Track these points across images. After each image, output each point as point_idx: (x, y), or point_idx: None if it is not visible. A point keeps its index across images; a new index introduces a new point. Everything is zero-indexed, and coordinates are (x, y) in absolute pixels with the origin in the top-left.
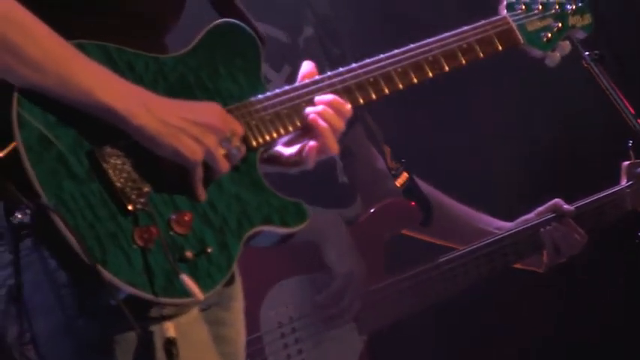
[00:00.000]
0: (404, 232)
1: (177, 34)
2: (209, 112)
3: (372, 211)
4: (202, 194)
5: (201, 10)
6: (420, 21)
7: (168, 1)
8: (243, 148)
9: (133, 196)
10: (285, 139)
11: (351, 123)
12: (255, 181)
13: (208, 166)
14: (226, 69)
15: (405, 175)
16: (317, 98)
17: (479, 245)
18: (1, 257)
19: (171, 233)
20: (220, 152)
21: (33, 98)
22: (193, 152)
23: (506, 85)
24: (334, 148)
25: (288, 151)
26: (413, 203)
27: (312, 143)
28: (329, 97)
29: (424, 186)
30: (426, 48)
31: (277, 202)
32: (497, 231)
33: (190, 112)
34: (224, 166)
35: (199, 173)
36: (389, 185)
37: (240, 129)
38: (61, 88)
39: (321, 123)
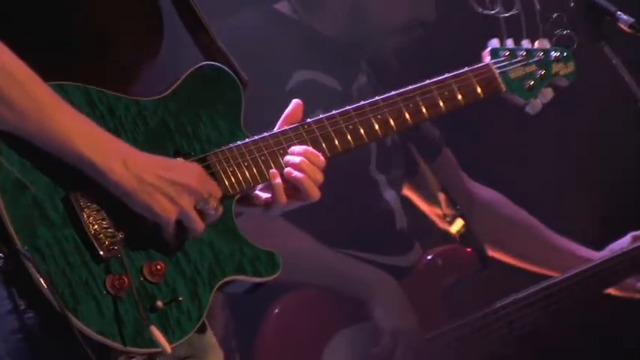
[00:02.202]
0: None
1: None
2: (188, 171)
3: (428, 258)
4: (175, 248)
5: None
6: None
7: (143, 47)
8: (221, 209)
9: (106, 243)
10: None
11: (404, 174)
12: (230, 229)
13: (183, 225)
14: (207, 114)
15: (460, 222)
16: (291, 149)
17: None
18: None
19: (142, 281)
20: (195, 213)
21: (10, 141)
22: (167, 211)
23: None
24: (314, 194)
25: (265, 194)
26: (469, 250)
27: (293, 190)
28: (302, 147)
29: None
30: (407, 96)
31: (250, 251)
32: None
33: (169, 170)
34: (199, 226)
35: (172, 230)
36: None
37: (218, 191)
38: (41, 135)
39: (297, 174)
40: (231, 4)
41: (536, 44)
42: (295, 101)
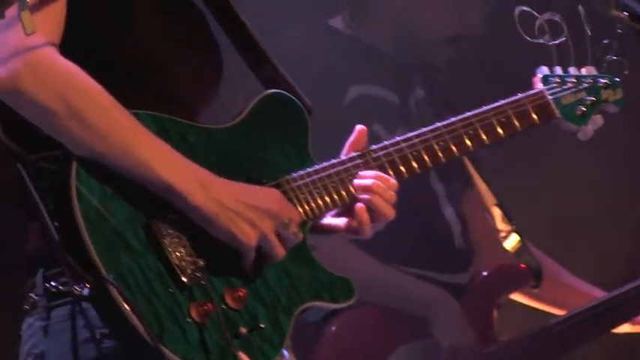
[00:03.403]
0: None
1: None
2: (267, 196)
3: (484, 275)
4: (256, 275)
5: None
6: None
7: (203, 79)
8: (301, 234)
9: (189, 270)
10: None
11: (462, 187)
12: (305, 255)
13: (263, 250)
14: (276, 141)
15: (515, 237)
16: (361, 173)
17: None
18: (31, 327)
19: (225, 308)
20: (275, 238)
21: (91, 169)
22: (248, 237)
23: None
24: (390, 213)
25: (339, 220)
26: (524, 266)
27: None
28: (372, 172)
29: (534, 250)
30: (466, 122)
31: (326, 277)
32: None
33: (248, 195)
34: (279, 252)
35: (252, 256)
36: (499, 250)
37: (297, 215)
38: (121, 159)
39: (371, 196)
40: (284, 21)
41: (584, 71)
42: (359, 128)
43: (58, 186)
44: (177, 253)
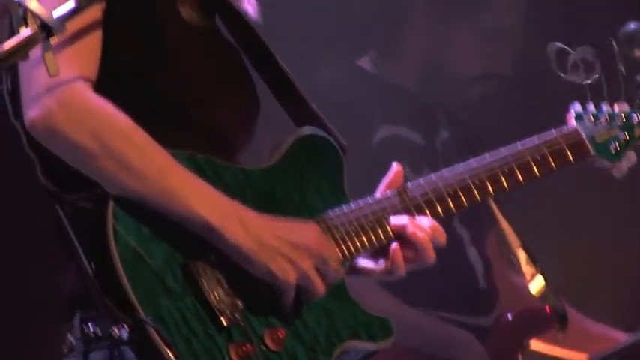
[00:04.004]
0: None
1: None
2: (306, 232)
3: (508, 317)
4: (295, 314)
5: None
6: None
7: (241, 117)
8: (342, 270)
9: (228, 311)
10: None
11: (485, 230)
12: (342, 294)
13: (302, 288)
14: (311, 181)
15: (540, 279)
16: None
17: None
18: None
19: (264, 349)
20: (316, 275)
21: (128, 209)
22: (287, 273)
23: None
24: (433, 257)
25: (373, 261)
26: (548, 309)
27: (405, 253)
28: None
29: None
30: (503, 161)
31: (363, 317)
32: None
33: (287, 232)
34: (319, 289)
35: (292, 294)
36: (523, 294)
37: (337, 252)
38: (159, 198)
39: (420, 235)
40: (313, 61)
41: (617, 107)
42: (395, 167)
43: (95, 226)
44: (216, 294)
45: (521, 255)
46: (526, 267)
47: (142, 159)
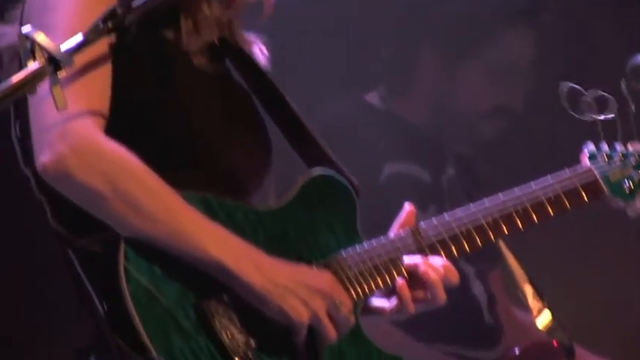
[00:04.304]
0: None
1: None
2: (319, 276)
3: (516, 353)
4: (308, 356)
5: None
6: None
7: (254, 158)
8: (352, 319)
9: (241, 351)
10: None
11: (490, 265)
12: (357, 334)
13: (315, 331)
14: (324, 221)
15: (547, 314)
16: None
17: None
18: None
19: None
20: (327, 319)
21: (139, 250)
22: (299, 314)
23: None
24: (443, 298)
25: (386, 300)
26: (555, 344)
27: (417, 293)
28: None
29: None
30: (517, 201)
31: (378, 356)
32: None
33: (300, 274)
34: (331, 333)
35: (304, 335)
36: (530, 331)
37: (349, 300)
38: (170, 240)
39: (432, 274)
40: (320, 97)
41: (630, 147)
42: (408, 207)
43: (107, 267)
44: (229, 333)
45: (528, 290)
46: (533, 302)
47: (153, 201)
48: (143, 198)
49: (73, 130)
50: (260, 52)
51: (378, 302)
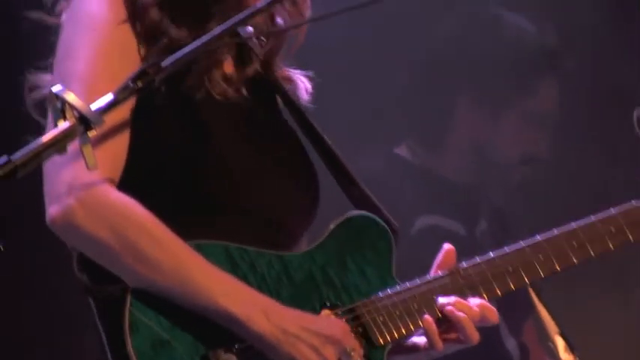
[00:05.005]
0: None
1: None
2: (330, 324)
3: None
4: None
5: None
6: None
7: (297, 206)
8: None
9: None
10: None
11: (523, 318)
12: None
13: None
14: (355, 263)
15: None
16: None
17: None
18: None
19: None
20: None
21: (147, 300)
22: None
23: None
24: (475, 337)
25: (418, 340)
26: None
27: (449, 333)
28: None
29: None
30: (555, 241)
31: None
32: None
33: (311, 322)
34: None
35: None
36: None
37: (359, 347)
38: (179, 290)
39: (459, 314)
40: (350, 150)
41: None
42: (447, 247)
43: (114, 318)
44: None
45: (559, 342)
46: (564, 354)
47: (160, 251)
48: (150, 248)
49: (83, 187)
50: (303, 89)
51: (415, 339)
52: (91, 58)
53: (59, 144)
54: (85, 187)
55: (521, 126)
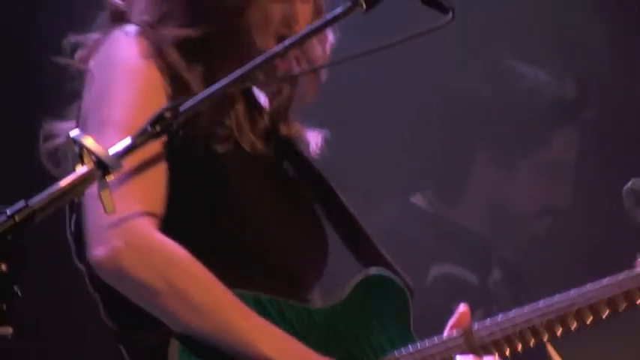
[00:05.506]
0: None
1: None
2: None
3: None
4: None
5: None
6: None
7: (311, 257)
8: None
9: None
10: None
11: None
12: None
13: None
14: (378, 320)
15: None
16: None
17: None
18: None
19: None
20: None
21: (190, 346)
22: None
23: None
24: None
25: None
26: None
27: None
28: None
29: None
30: (569, 302)
31: None
32: None
33: None
34: None
35: None
36: None
37: None
38: (222, 336)
39: None
40: (367, 200)
41: None
42: (462, 308)
43: None
44: None
45: None
46: None
47: (206, 297)
48: (196, 294)
49: (128, 227)
50: (314, 144)
51: None
52: (127, 104)
53: (77, 189)
54: (131, 228)
55: (540, 177)
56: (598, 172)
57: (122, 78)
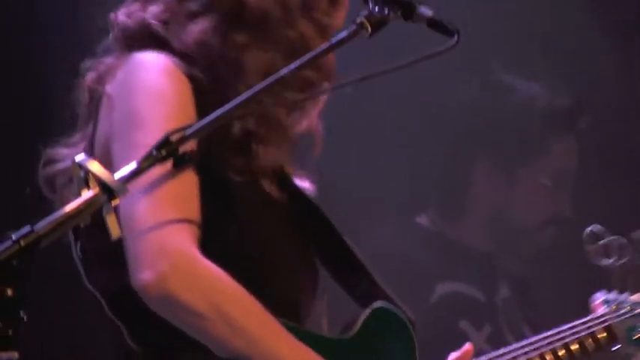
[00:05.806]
0: None
1: None
2: None
3: None
4: None
5: None
6: None
7: (307, 287)
8: None
9: None
10: None
11: None
12: None
13: None
14: (386, 353)
15: None
16: None
17: None
18: None
19: None
20: None
21: None
22: None
23: None
24: None
25: None
26: None
27: None
28: None
29: None
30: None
31: None
32: None
33: None
34: None
35: None
36: None
37: None
38: None
39: None
40: (371, 219)
41: (636, 297)
42: (467, 346)
43: None
44: None
45: None
46: None
47: (252, 322)
48: (243, 319)
49: (172, 246)
50: (306, 183)
51: None
52: (161, 128)
53: (82, 214)
54: (177, 252)
55: (541, 188)
56: (599, 180)
57: (156, 103)
